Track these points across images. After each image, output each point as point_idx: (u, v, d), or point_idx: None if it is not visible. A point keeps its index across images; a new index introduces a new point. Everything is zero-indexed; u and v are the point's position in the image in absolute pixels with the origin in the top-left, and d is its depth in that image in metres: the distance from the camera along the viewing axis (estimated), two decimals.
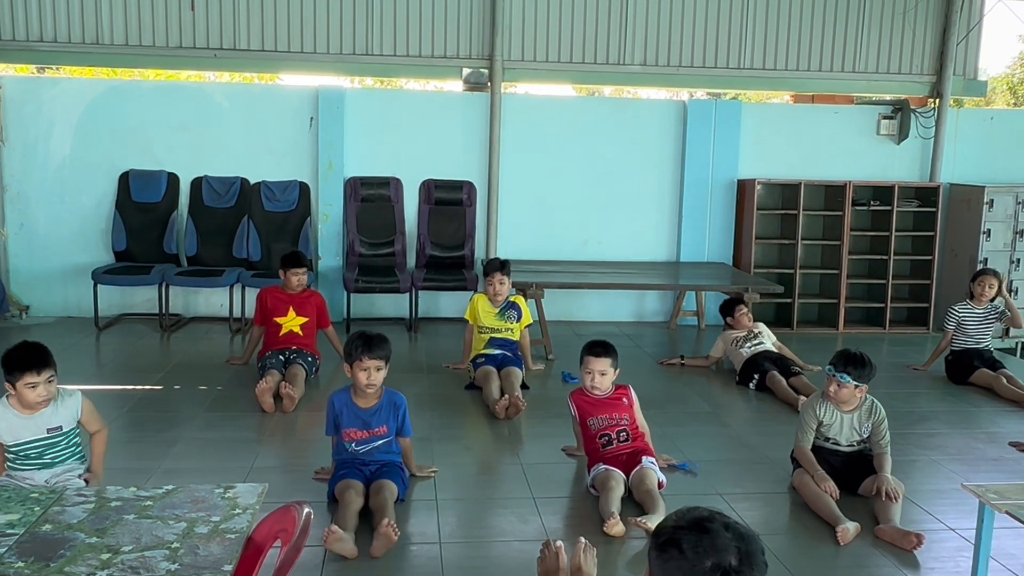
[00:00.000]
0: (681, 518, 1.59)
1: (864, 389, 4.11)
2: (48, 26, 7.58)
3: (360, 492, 3.74)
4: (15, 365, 3.24)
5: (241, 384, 5.80)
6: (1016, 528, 3.08)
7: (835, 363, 4.09)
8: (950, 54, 8.46)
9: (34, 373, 3.22)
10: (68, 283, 7.67)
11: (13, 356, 3.27)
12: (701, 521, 1.55)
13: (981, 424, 5.50)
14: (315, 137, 7.79)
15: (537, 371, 6.36)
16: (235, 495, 2.15)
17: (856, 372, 4.02)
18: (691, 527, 1.55)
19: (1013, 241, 8.29)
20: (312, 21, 7.82)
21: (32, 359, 3.24)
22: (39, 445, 3.37)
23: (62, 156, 7.64)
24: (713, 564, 1.50)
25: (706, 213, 8.31)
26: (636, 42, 8.18)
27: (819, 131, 8.49)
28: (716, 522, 1.55)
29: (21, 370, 3.23)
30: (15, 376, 3.24)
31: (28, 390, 3.24)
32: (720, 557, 1.50)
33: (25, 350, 3.27)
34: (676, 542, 1.53)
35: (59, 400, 3.39)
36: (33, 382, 3.23)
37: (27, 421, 3.33)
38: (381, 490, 3.73)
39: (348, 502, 3.65)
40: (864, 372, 4.04)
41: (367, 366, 3.87)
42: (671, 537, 1.55)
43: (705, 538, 1.52)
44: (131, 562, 1.80)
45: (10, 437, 3.32)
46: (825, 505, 3.90)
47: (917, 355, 7.18)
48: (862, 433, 4.20)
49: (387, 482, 3.78)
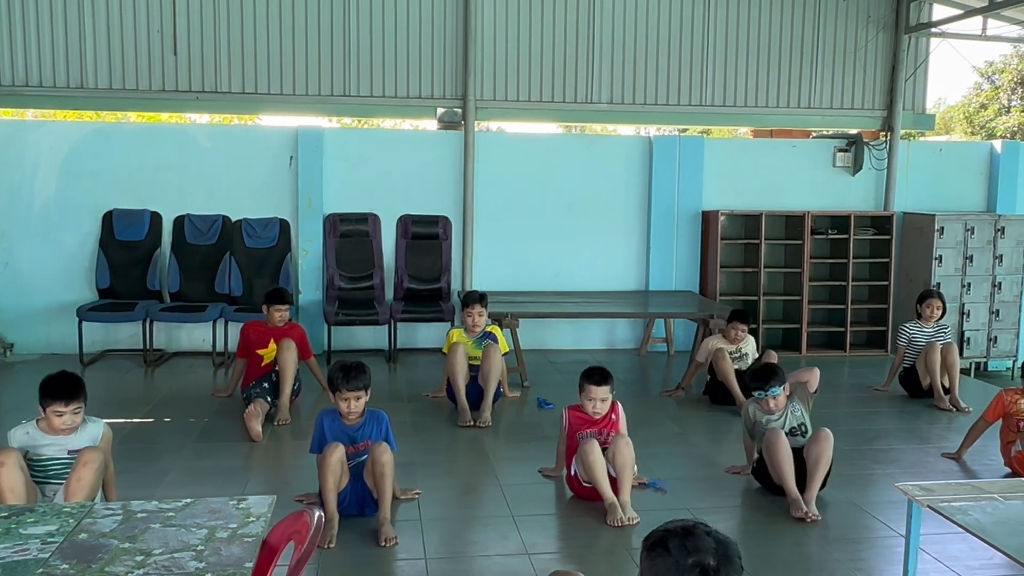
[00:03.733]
0: (669, 525, 1.84)
1: (787, 388, 4.68)
2: (34, 71, 7.81)
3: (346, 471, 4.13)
4: (47, 392, 3.58)
5: (227, 415, 6.00)
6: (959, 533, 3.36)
7: (761, 385, 4.62)
8: (899, 90, 8.93)
9: (62, 403, 3.55)
10: (52, 320, 7.82)
11: (48, 383, 3.60)
12: (686, 527, 1.81)
13: (933, 440, 5.82)
14: (295, 175, 8.05)
15: (513, 398, 6.60)
16: (248, 506, 2.40)
17: (779, 381, 4.62)
18: (677, 531, 1.80)
19: (963, 266, 8.72)
20: (291, 63, 8.11)
21: (62, 390, 3.57)
22: (60, 464, 3.63)
23: (46, 196, 7.83)
24: (694, 562, 1.74)
25: (673, 243, 8.66)
26: (603, 81, 8.56)
27: (778, 164, 8.90)
28: (699, 528, 1.81)
29: (52, 398, 3.56)
30: (46, 402, 3.57)
31: (55, 417, 3.57)
32: (701, 557, 1.74)
33: (59, 380, 3.60)
34: (663, 543, 1.78)
35: (84, 427, 3.70)
36: (60, 411, 3.56)
37: (51, 441, 3.63)
38: (373, 466, 4.06)
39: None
40: (782, 376, 4.67)
41: (347, 396, 4.15)
42: (659, 539, 1.80)
43: (689, 540, 1.77)
44: (163, 562, 2.05)
45: (34, 454, 3.60)
46: (785, 474, 4.41)
47: (877, 376, 7.53)
48: (799, 417, 4.70)
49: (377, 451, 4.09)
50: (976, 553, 3.83)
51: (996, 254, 8.75)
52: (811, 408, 4.86)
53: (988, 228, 8.72)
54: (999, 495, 3.09)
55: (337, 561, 3.79)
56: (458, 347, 6.08)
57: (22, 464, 3.49)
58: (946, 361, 6.58)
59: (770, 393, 4.60)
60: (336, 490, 4.03)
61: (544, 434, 5.65)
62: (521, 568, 3.75)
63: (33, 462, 3.59)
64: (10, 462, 3.42)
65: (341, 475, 4.05)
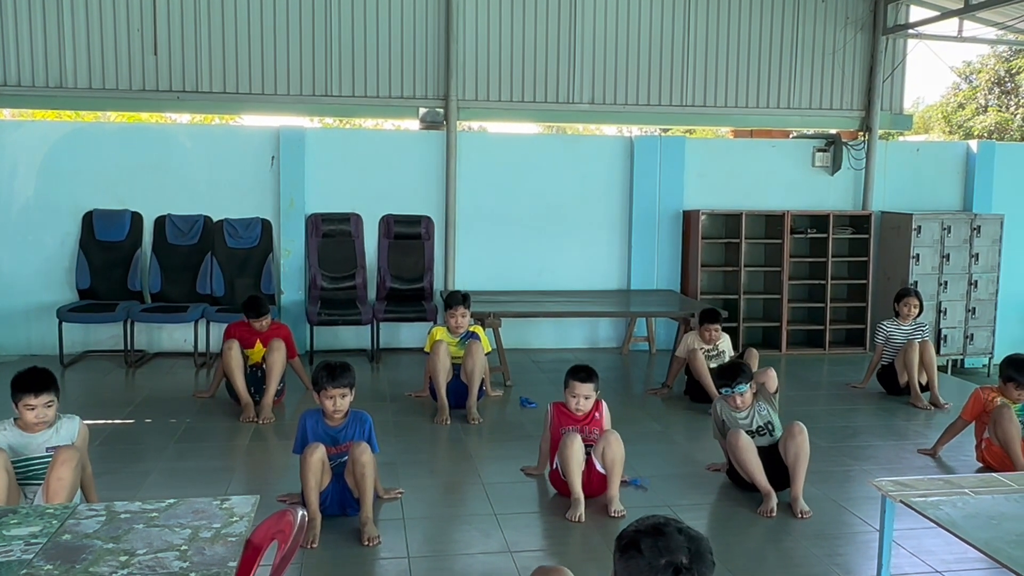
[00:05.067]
0: (640, 524, 1.86)
1: (754, 386, 4.82)
2: (11, 71, 7.75)
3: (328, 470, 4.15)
4: (17, 386, 3.60)
5: (209, 416, 6.00)
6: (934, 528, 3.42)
7: (727, 383, 4.75)
8: (877, 91, 9.04)
9: (32, 395, 3.57)
10: (32, 321, 7.77)
11: (18, 377, 3.63)
12: (657, 526, 1.83)
13: (910, 437, 5.91)
14: (276, 175, 8.04)
15: (496, 397, 6.64)
16: (231, 506, 2.42)
17: (745, 378, 4.75)
18: (648, 531, 1.82)
19: (940, 265, 8.84)
20: (272, 63, 8.10)
21: (32, 383, 3.59)
22: (40, 463, 3.63)
23: (26, 197, 7.78)
24: (667, 562, 1.76)
25: (654, 243, 8.72)
26: (584, 81, 8.61)
27: (758, 164, 8.98)
28: (670, 526, 1.83)
29: (22, 391, 3.58)
30: (17, 396, 3.59)
31: (27, 411, 3.58)
32: (673, 556, 1.77)
33: (29, 374, 3.62)
34: (636, 544, 1.80)
35: (59, 423, 3.71)
36: (31, 404, 3.57)
37: (28, 440, 3.64)
38: (353, 466, 4.07)
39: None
40: (748, 374, 4.81)
41: (332, 395, 4.18)
42: (631, 540, 1.82)
43: (660, 540, 1.79)
44: (147, 562, 2.07)
45: (12, 454, 3.60)
46: (754, 470, 4.51)
47: (855, 373, 7.62)
48: (765, 416, 4.77)
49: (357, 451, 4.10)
50: (951, 548, 3.90)
51: (972, 252, 8.87)
52: (776, 407, 4.93)
53: (964, 227, 8.84)
54: (970, 490, 3.15)
55: (320, 560, 3.81)
56: (441, 344, 6.11)
57: (8, 467, 3.48)
58: (924, 359, 6.67)
59: (736, 390, 4.71)
60: (318, 490, 4.04)
61: (527, 433, 5.69)
62: (504, 566, 3.78)
63: (14, 464, 3.58)
64: None
65: (322, 475, 4.07)
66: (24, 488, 3.64)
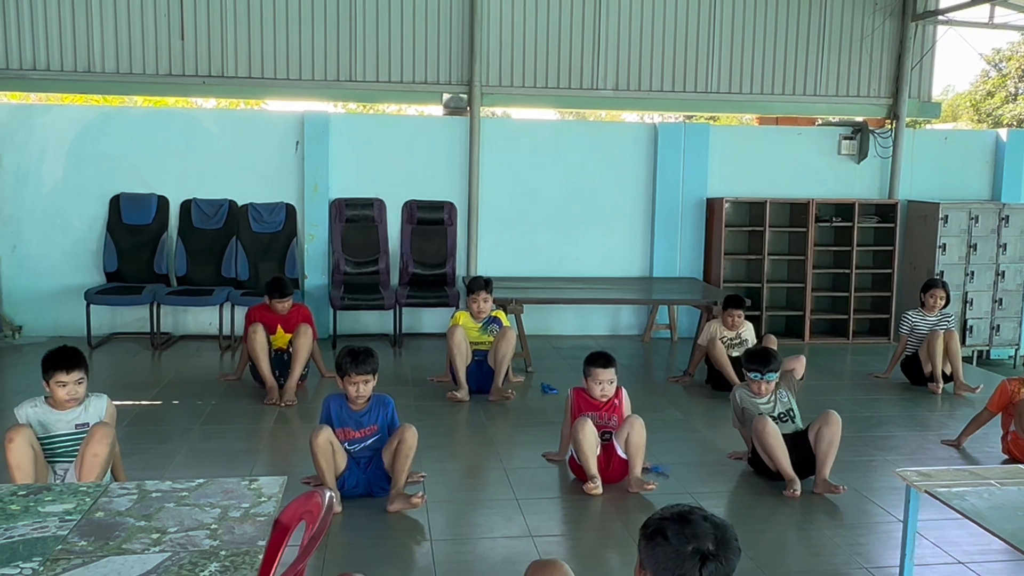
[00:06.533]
0: (666, 511, 1.88)
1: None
2: (41, 55, 7.83)
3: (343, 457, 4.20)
4: (49, 364, 3.67)
5: (234, 399, 6.07)
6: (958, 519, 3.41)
7: (760, 368, 4.68)
8: (905, 78, 8.92)
9: (63, 372, 3.65)
10: (60, 303, 7.88)
11: (49, 356, 3.70)
12: (683, 513, 1.85)
13: (933, 427, 5.87)
14: (301, 160, 8.08)
15: (517, 383, 6.66)
16: (259, 486, 2.46)
17: (777, 366, 4.73)
18: (675, 518, 1.84)
19: (967, 255, 8.74)
20: (297, 48, 8.13)
21: (64, 360, 3.67)
22: (69, 439, 3.71)
23: (54, 180, 7.87)
24: (693, 549, 1.78)
25: (677, 230, 8.68)
26: (608, 67, 8.57)
27: (783, 151, 8.91)
28: (696, 514, 1.84)
29: (54, 368, 3.65)
30: (49, 374, 3.66)
31: (58, 388, 3.65)
32: (700, 543, 1.79)
33: (61, 352, 3.70)
34: (662, 531, 1.82)
35: (88, 401, 3.79)
36: (63, 380, 3.65)
37: (58, 417, 3.71)
38: (399, 445, 4.13)
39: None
40: (779, 363, 4.78)
41: (356, 380, 4.23)
42: (657, 527, 1.84)
43: (687, 527, 1.81)
44: (179, 540, 2.11)
45: (41, 430, 3.68)
46: (780, 456, 4.50)
47: (879, 364, 7.57)
48: (786, 403, 4.76)
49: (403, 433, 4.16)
50: (974, 539, 3.88)
51: (1000, 243, 8.76)
52: (796, 395, 4.91)
53: (992, 217, 8.73)
54: (996, 481, 3.13)
55: (344, 541, 3.85)
56: (457, 328, 6.18)
57: (33, 443, 3.56)
58: (948, 348, 6.61)
59: (767, 377, 4.67)
60: (331, 470, 4.11)
61: (548, 419, 5.71)
62: (526, 550, 3.81)
63: (42, 441, 3.66)
64: (19, 439, 3.49)
65: (333, 454, 4.12)
66: (53, 465, 3.71)
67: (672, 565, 1.78)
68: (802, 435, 4.64)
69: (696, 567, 1.76)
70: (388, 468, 4.20)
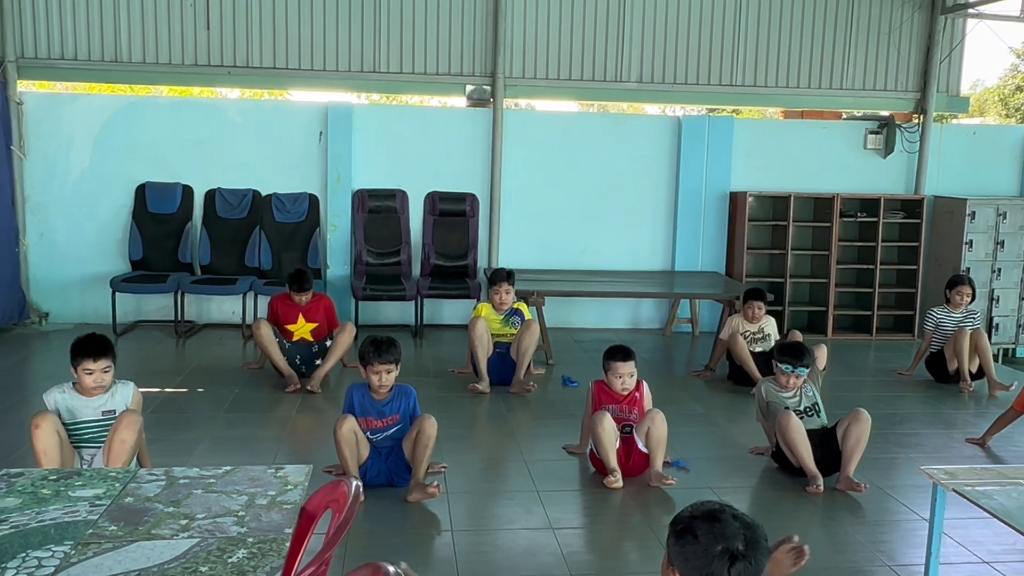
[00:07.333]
0: (696, 509, 1.87)
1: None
2: (69, 45, 7.90)
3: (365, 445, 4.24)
4: (77, 351, 3.72)
5: (257, 387, 6.12)
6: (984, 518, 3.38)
7: (793, 361, 4.61)
8: (933, 72, 8.82)
9: (91, 360, 3.69)
10: (86, 291, 7.96)
11: (77, 343, 3.75)
12: (712, 512, 1.84)
13: (958, 425, 5.82)
14: (324, 151, 8.11)
15: (538, 375, 6.66)
16: (285, 474, 2.49)
17: (809, 361, 4.66)
18: (704, 517, 1.83)
19: (994, 251, 8.64)
20: (321, 39, 8.15)
21: (92, 348, 3.71)
22: (95, 426, 3.76)
23: (81, 169, 7.95)
24: (723, 548, 1.78)
25: (700, 224, 8.64)
26: (632, 60, 8.53)
27: (808, 145, 8.83)
28: (726, 513, 1.84)
29: (82, 355, 3.70)
30: (76, 361, 3.71)
31: (85, 375, 3.70)
32: (729, 543, 1.78)
33: (89, 339, 3.74)
34: (692, 530, 1.82)
35: (114, 388, 3.84)
36: (89, 368, 3.69)
37: (85, 403, 3.76)
38: (418, 435, 4.15)
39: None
40: (811, 358, 4.71)
41: (378, 370, 4.24)
42: (687, 526, 1.83)
43: (716, 526, 1.80)
44: (206, 526, 2.14)
45: (68, 416, 3.73)
46: (803, 452, 4.47)
47: (903, 360, 7.51)
48: (811, 397, 4.72)
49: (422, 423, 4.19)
50: (999, 538, 3.86)
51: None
52: (820, 387, 4.88)
53: (1020, 213, 8.62)
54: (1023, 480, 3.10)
55: (364, 531, 3.87)
56: (478, 320, 6.20)
57: (59, 428, 3.61)
58: (978, 346, 6.54)
59: (798, 371, 4.62)
60: (353, 458, 4.14)
61: (569, 411, 5.72)
62: (546, 542, 3.82)
63: (69, 427, 3.71)
64: (45, 425, 3.54)
65: (356, 444, 4.16)
66: (80, 450, 3.76)
67: (701, 564, 1.78)
68: (829, 432, 4.61)
69: (725, 567, 1.76)
70: (408, 458, 4.23)
